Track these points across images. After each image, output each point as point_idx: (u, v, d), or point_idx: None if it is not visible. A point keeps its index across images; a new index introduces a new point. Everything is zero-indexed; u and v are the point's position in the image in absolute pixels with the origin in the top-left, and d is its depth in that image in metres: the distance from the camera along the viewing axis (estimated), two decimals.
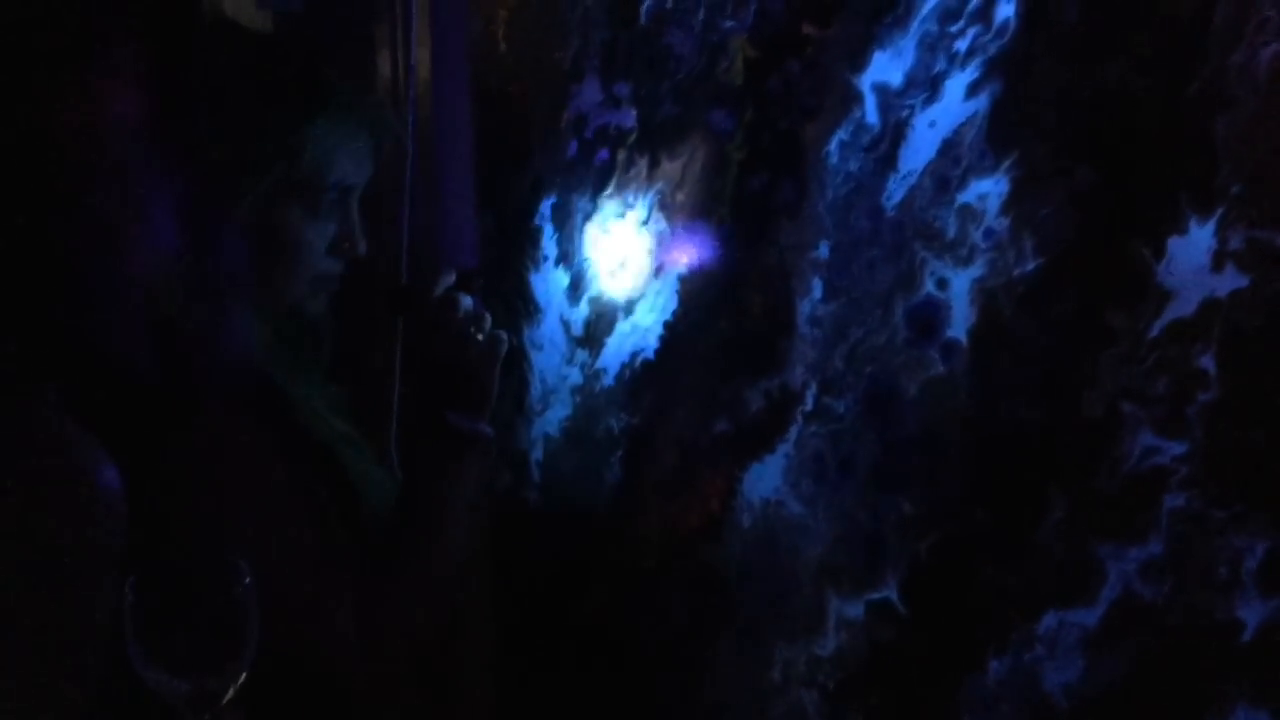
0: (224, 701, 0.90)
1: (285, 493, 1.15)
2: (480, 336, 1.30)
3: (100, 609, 0.85)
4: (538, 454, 1.72)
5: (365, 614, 1.16)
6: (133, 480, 0.89)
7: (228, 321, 1.11)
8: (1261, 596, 0.96)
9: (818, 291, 1.28)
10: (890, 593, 1.26)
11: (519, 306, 1.69)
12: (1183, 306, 0.98)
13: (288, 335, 1.32)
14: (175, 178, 1.00)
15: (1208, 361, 0.97)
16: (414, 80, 1.71)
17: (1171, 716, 1.03)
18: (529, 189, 1.65)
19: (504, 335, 1.33)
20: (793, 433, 1.33)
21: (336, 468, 1.23)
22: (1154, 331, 1.00)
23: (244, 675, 0.91)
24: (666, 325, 1.47)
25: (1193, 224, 0.96)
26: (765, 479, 1.37)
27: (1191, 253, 0.97)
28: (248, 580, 0.90)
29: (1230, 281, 0.95)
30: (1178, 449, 1.00)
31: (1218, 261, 0.95)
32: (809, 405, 1.31)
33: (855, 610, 1.30)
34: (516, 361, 1.71)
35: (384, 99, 1.71)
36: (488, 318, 1.32)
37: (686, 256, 1.42)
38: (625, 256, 1.50)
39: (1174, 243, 0.98)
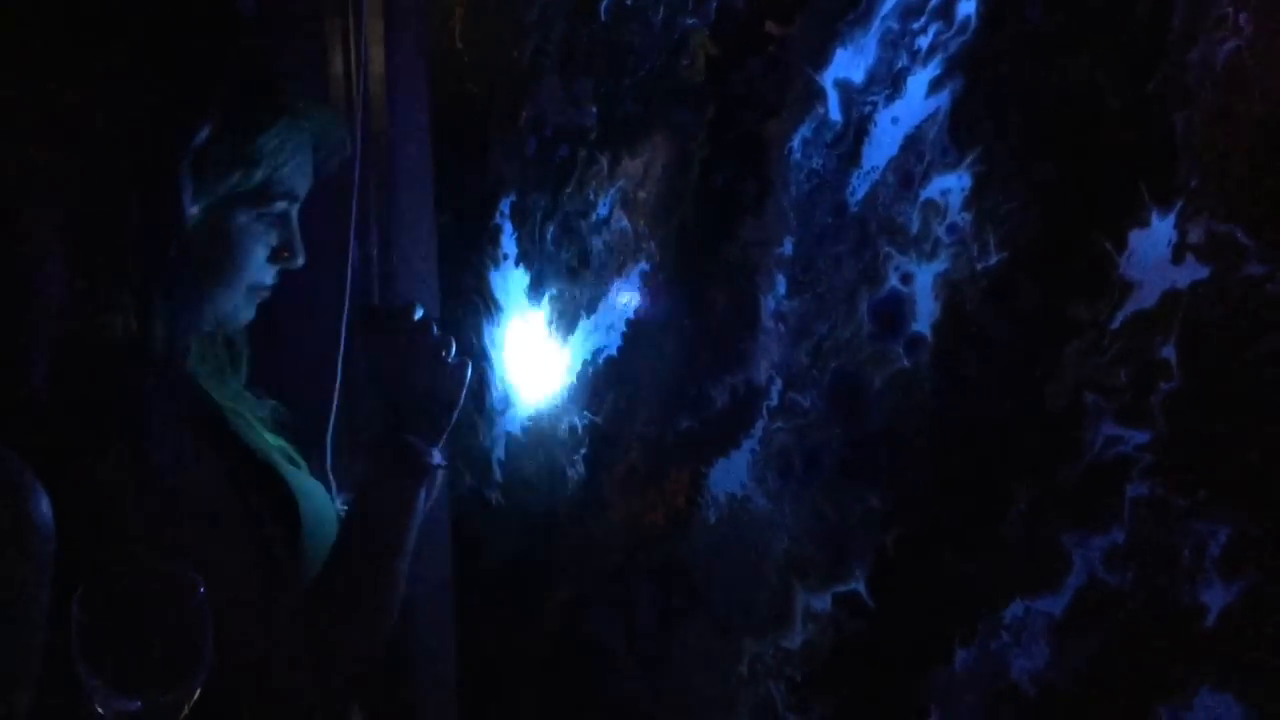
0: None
1: (225, 507, 1.13)
2: (449, 361, 1.32)
3: (37, 635, 0.83)
4: (500, 453, 1.71)
5: (309, 633, 1.14)
6: (64, 498, 0.87)
7: (155, 331, 1.09)
8: (1223, 582, 0.97)
9: (782, 287, 1.28)
10: (858, 585, 1.27)
11: (479, 305, 1.68)
12: (1144, 298, 0.99)
13: (214, 346, 1.31)
14: (95, 190, 0.98)
15: (1169, 351, 0.99)
16: (365, 79, 1.69)
17: (1136, 700, 1.05)
18: (488, 188, 1.64)
19: (470, 362, 1.34)
20: (758, 428, 1.34)
21: (275, 482, 1.21)
22: (1116, 323, 1.02)
23: (198, 691, 0.89)
24: (629, 323, 1.47)
25: (1154, 217, 0.98)
26: (731, 475, 1.38)
27: (1152, 245, 0.98)
28: (201, 591, 0.88)
29: (1190, 273, 0.96)
30: (1140, 438, 1.02)
31: (1178, 254, 0.97)
32: (774, 401, 1.31)
33: (823, 603, 1.31)
34: (477, 361, 1.71)
35: (336, 109, 1.69)
36: (454, 343, 1.33)
37: (649, 254, 1.42)
38: (587, 255, 1.50)
39: (1135, 236, 0.99)
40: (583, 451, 1.57)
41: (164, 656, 0.87)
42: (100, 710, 0.85)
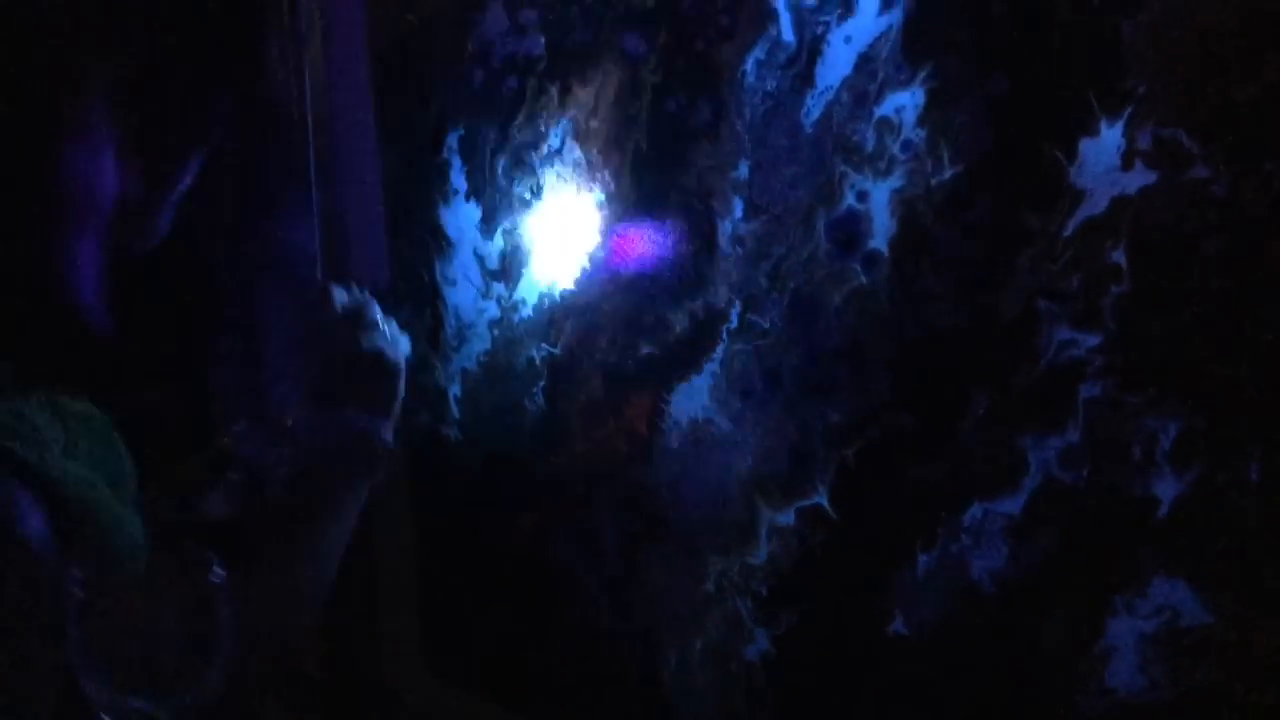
0: None
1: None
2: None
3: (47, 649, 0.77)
4: (455, 390, 1.71)
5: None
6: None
7: None
8: (1174, 474, 1.02)
9: (739, 210, 1.30)
10: (820, 499, 1.31)
11: (429, 242, 1.67)
12: (1095, 205, 1.03)
13: None
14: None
15: (1119, 256, 1.03)
16: (298, 11, 1.66)
17: (1092, 590, 1.10)
18: (434, 122, 1.63)
19: (408, 338, 1.32)
20: (718, 351, 1.36)
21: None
22: (1067, 231, 1.05)
23: (217, 688, 0.84)
24: (585, 253, 1.47)
25: (1103, 126, 1.01)
26: (692, 398, 1.40)
27: (1102, 153, 1.02)
28: (218, 573, 0.85)
29: (1139, 179, 1.00)
30: (1092, 340, 1.06)
31: (1127, 160, 1.00)
32: (734, 323, 1.34)
33: (786, 518, 1.35)
34: (430, 299, 1.70)
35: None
36: (394, 321, 1.31)
37: (603, 184, 1.42)
38: (539, 187, 1.50)
39: (1085, 144, 1.03)
40: (541, 384, 1.58)
41: (176, 650, 0.81)
42: (103, 713, 0.79)
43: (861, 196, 1.19)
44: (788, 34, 1.21)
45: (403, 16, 1.64)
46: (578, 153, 1.44)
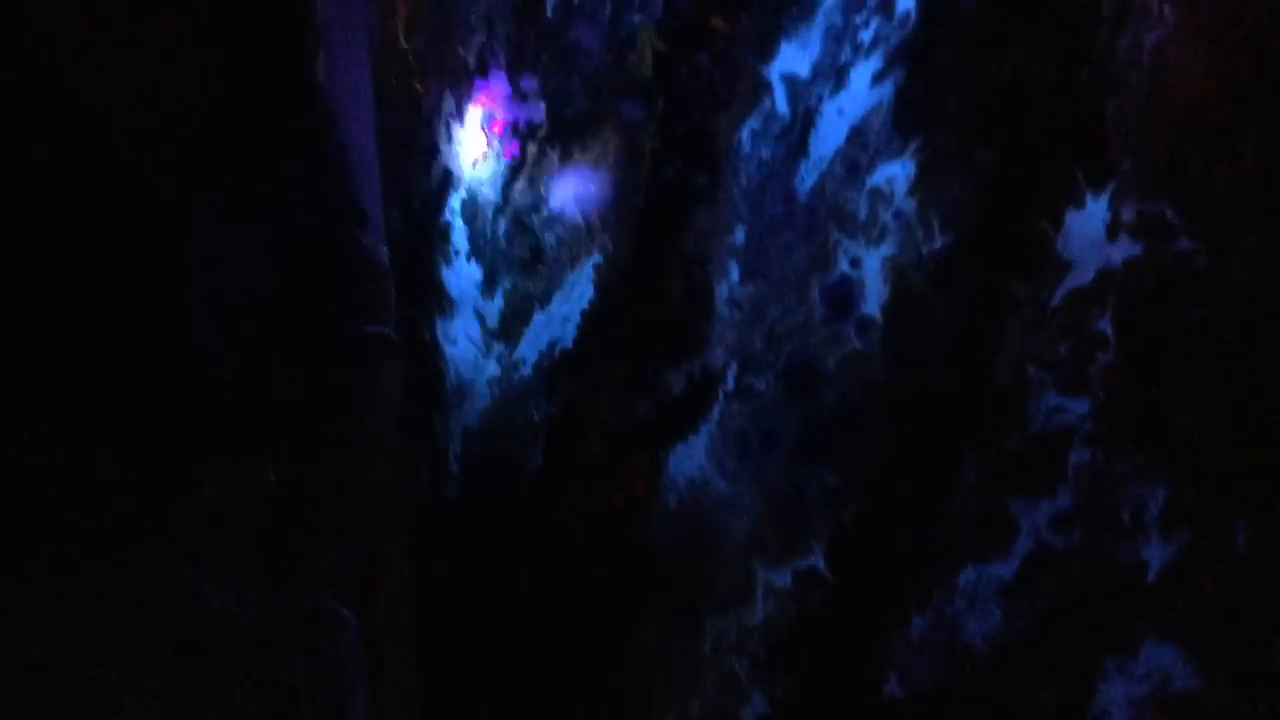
0: None
1: None
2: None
3: None
4: (456, 447, 1.73)
5: None
6: None
7: None
8: (1162, 539, 1.04)
9: (735, 275, 1.32)
10: (816, 560, 1.32)
11: (431, 302, 1.70)
12: (1081, 275, 1.05)
13: None
14: None
15: (1106, 325, 1.05)
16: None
17: (1084, 654, 1.11)
18: (436, 185, 1.66)
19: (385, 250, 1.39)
20: (715, 412, 1.38)
21: None
22: (1055, 300, 1.07)
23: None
24: (584, 314, 1.50)
25: (1088, 198, 1.03)
26: (690, 459, 1.42)
27: (1087, 225, 1.04)
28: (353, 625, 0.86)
29: (1124, 250, 1.02)
30: (1081, 407, 1.07)
31: (1112, 232, 1.03)
32: (730, 385, 1.35)
33: (783, 579, 1.35)
34: (430, 357, 1.72)
35: None
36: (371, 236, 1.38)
37: (602, 246, 1.45)
38: (539, 249, 1.53)
39: (1071, 216, 1.05)
40: (541, 443, 1.59)
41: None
42: None
43: (855, 263, 1.21)
44: (782, 105, 1.24)
45: (411, 83, 1.68)
46: (578, 216, 1.47)
